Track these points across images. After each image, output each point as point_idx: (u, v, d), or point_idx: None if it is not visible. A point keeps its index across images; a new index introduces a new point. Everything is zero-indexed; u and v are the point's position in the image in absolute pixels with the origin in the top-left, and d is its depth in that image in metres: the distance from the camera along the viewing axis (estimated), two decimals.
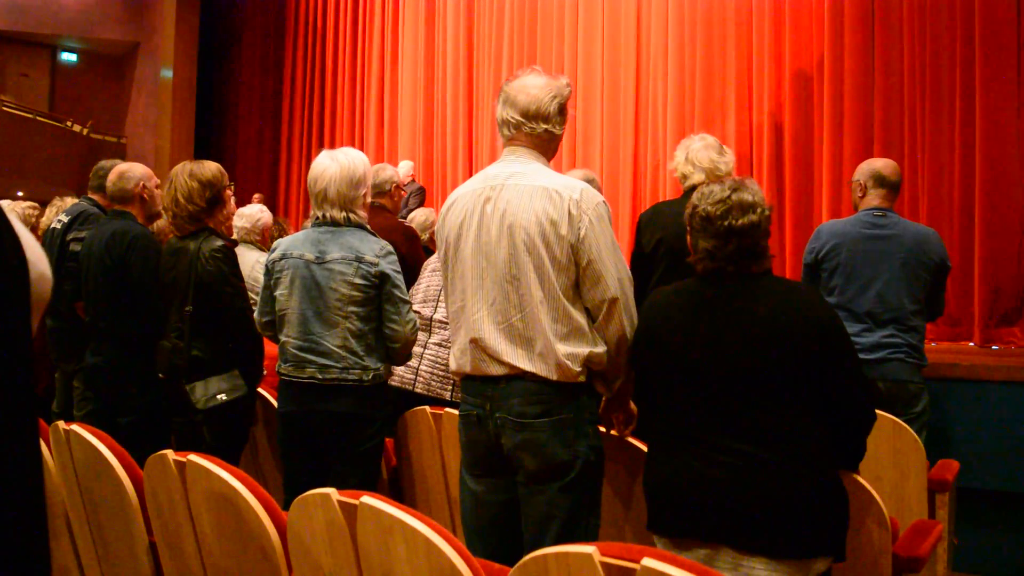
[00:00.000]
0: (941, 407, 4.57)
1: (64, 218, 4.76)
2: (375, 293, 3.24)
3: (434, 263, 4.25)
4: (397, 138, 11.49)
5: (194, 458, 2.37)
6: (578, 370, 2.51)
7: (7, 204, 6.04)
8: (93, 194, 4.87)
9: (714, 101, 8.49)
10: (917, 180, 6.91)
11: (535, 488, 2.55)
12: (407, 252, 4.56)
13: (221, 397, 3.52)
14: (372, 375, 3.24)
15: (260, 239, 5.43)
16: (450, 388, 3.97)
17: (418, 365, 4.05)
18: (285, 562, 2.17)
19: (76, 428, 2.77)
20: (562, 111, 2.69)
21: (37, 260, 1.17)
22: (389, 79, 11.71)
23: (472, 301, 2.61)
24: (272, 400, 3.74)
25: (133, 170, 4.14)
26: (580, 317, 2.53)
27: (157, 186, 4.13)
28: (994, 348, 6.15)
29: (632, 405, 2.82)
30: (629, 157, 9.14)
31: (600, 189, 4.35)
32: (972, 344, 6.32)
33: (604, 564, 1.60)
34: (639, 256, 4.00)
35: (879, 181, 4.04)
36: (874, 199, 4.04)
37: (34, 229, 5.83)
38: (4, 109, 12.86)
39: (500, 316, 2.55)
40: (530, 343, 2.51)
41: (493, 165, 2.72)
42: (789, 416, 2.30)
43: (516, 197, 2.55)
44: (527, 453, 2.53)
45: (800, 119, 7.87)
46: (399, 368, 4.08)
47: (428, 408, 3.46)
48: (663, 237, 3.88)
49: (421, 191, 9.56)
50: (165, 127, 13.23)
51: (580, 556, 1.61)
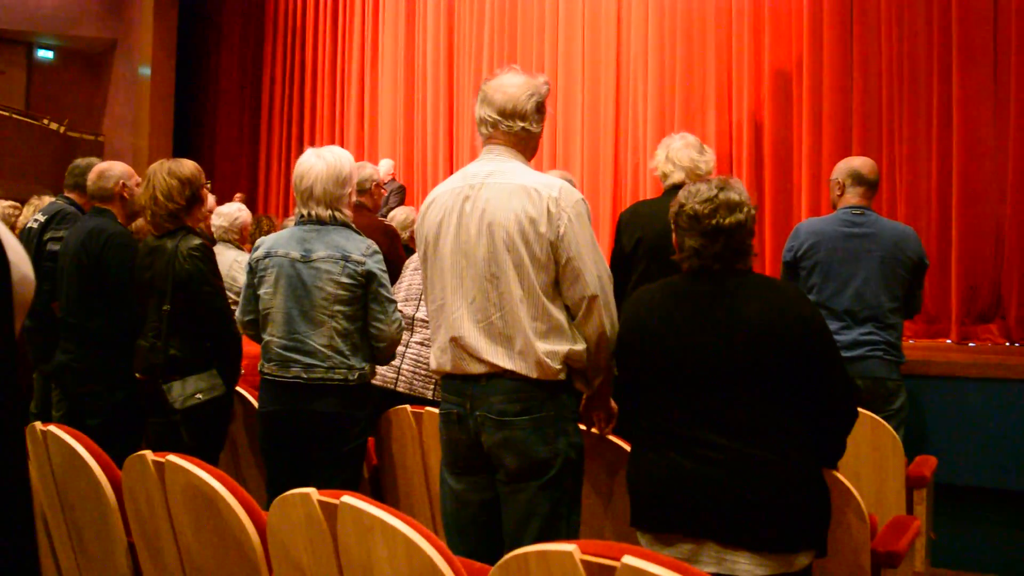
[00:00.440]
0: (919, 404, 4.60)
1: (41, 217, 4.71)
2: (361, 292, 3.23)
3: (416, 262, 4.24)
4: (377, 136, 11.47)
5: (173, 458, 2.36)
6: (558, 368, 2.52)
7: None
8: (69, 193, 4.82)
9: (694, 100, 8.51)
10: (895, 178, 6.95)
11: (515, 486, 2.55)
12: (387, 251, 4.53)
13: (199, 397, 3.51)
14: (357, 375, 3.23)
15: (238, 238, 5.41)
16: (432, 387, 3.97)
17: (400, 364, 4.04)
18: (265, 562, 2.16)
19: (53, 429, 2.75)
20: (540, 109, 2.69)
21: (19, 261, 1.16)
22: (369, 77, 11.68)
23: (452, 299, 2.60)
24: (252, 400, 3.72)
25: (113, 168, 4.11)
26: (560, 315, 2.53)
27: (138, 184, 4.10)
28: (971, 345, 6.19)
29: (613, 403, 2.83)
30: (609, 156, 9.15)
31: (580, 190, 4.35)
32: (949, 341, 6.37)
33: (585, 562, 1.60)
34: (619, 255, 4.01)
35: (857, 179, 4.06)
36: (852, 197, 4.06)
37: (12, 228, 5.79)
38: None
39: (480, 314, 2.55)
40: (510, 341, 2.51)
41: (472, 164, 2.72)
42: (772, 412, 2.32)
43: (495, 195, 2.55)
44: (507, 451, 2.53)
45: (779, 118, 7.90)
46: (381, 367, 4.07)
47: (409, 407, 3.45)
48: (643, 236, 3.89)
49: (401, 190, 9.55)
50: (143, 125, 13.15)
51: (561, 554, 1.61)
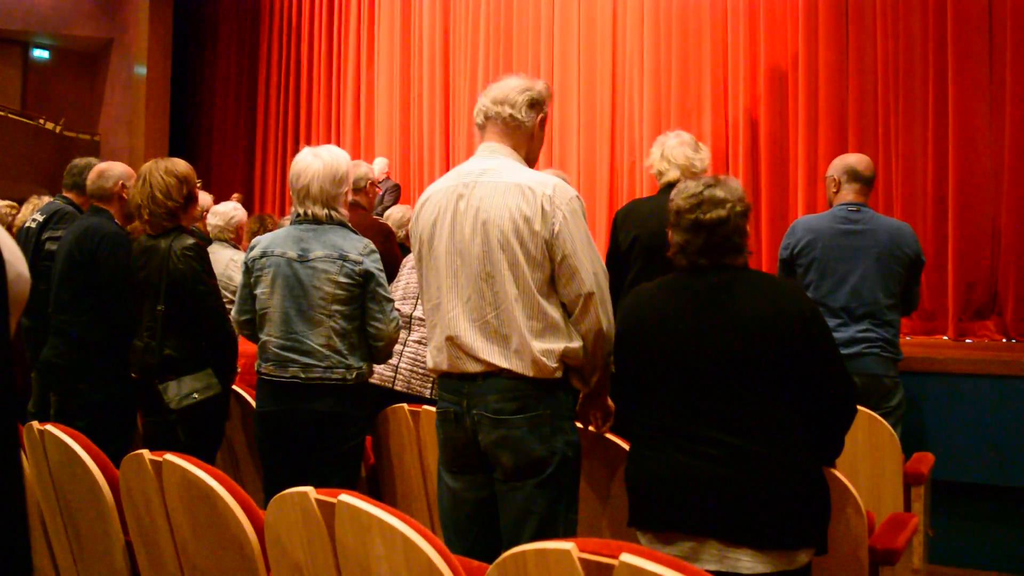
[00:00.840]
0: (916, 401, 4.60)
1: (39, 217, 4.70)
2: (359, 292, 3.23)
3: (412, 260, 4.24)
4: (374, 135, 11.45)
5: (170, 457, 2.36)
6: (554, 366, 2.51)
7: None
8: (68, 192, 4.81)
9: (690, 98, 8.51)
10: (891, 175, 6.96)
11: (512, 484, 2.55)
12: (382, 250, 4.52)
13: (195, 396, 3.50)
14: (355, 374, 3.23)
15: (234, 237, 5.40)
16: (430, 386, 3.96)
17: (398, 363, 4.04)
18: (263, 561, 2.16)
19: (50, 428, 2.75)
20: (532, 105, 2.70)
21: (15, 260, 1.16)
22: (365, 76, 11.66)
23: (447, 299, 2.60)
24: (250, 399, 3.72)
25: (113, 169, 4.10)
26: (555, 313, 2.53)
27: None
28: (968, 342, 6.20)
29: (609, 401, 2.83)
30: (606, 154, 9.15)
31: (576, 188, 4.36)
32: (946, 338, 6.38)
33: (583, 560, 1.60)
34: (615, 253, 4.01)
35: (853, 176, 4.06)
36: (848, 194, 4.06)
37: (9, 228, 5.78)
38: None
39: (475, 313, 2.55)
40: (506, 340, 2.51)
41: (467, 162, 2.73)
42: (772, 409, 2.32)
43: (489, 194, 2.55)
44: (504, 450, 2.53)
45: (775, 115, 7.91)
46: (379, 366, 4.07)
47: (406, 406, 3.45)
48: (638, 235, 3.89)
49: (396, 188, 9.54)
50: (139, 124, 13.11)
51: (559, 552, 1.61)
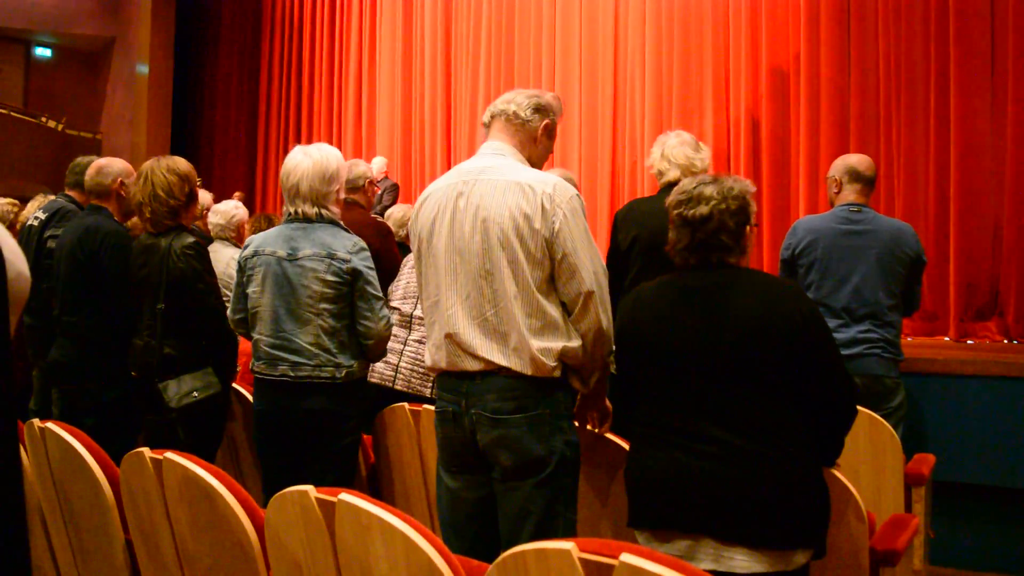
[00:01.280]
0: (917, 402, 4.60)
1: (41, 215, 4.72)
2: (347, 290, 3.23)
3: (413, 260, 4.23)
4: (375, 134, 11.45)
5: (171, 455, 2.36)
6: (553, 365, 2.51)
7: None
8: (70, 191, 4.82)
9: (691, 98, 8.51)
10: (892, 175, 6.95)
11: (511, 484, 2.55)
12: (379, 248, 4.52)
13: (195, 395, 3.50)
14: (345, 372, 3.23)
15: (235, 235, 5.40)
16: (430, 385, 3.96)
17: (398, 362, 4.04)
18: (263, 559, 2.16)
19: (51, 426, 2.75)
20: (538, 108, 2.71)
21: (15, 259, 1.16)
22: (367, 75, 11.66)
23: (446, 296, 2.60)
24: (250, 397, 3.72)
25: (112, 165, 4.10)
26: (554, 312, 2.53)
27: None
28: (969, 343, 6.19)
29: (607, 402, 2.83)
30: (607, 154, 9.14)
31: (579, 188, 4.36)
32: (947, 339, 6.37)
33: (583, 560, 1.60)
34: (615, 253, 4.01)
35: (854, 176, 4.06)
36: (849, 194, 4.06)
37: (12, 226, 5.78)
38: None
39: (475, 311, 2.55)
40: (504, 338, 2.51)
41: (468, 160, 2.73)
42: (771, 408, 2.31)
43: (489, 192, 2.55)
44: (502, 449, 2.53)
45: (777, 115, 7.90)
46: (379, 365, 4.06)
47: (407, 405, 3.45)
48: (638, 234, 3.89)
49: (395, 188, 9.55)
50: (141, 123, 13.10)
51: (559, 552, 1.61)
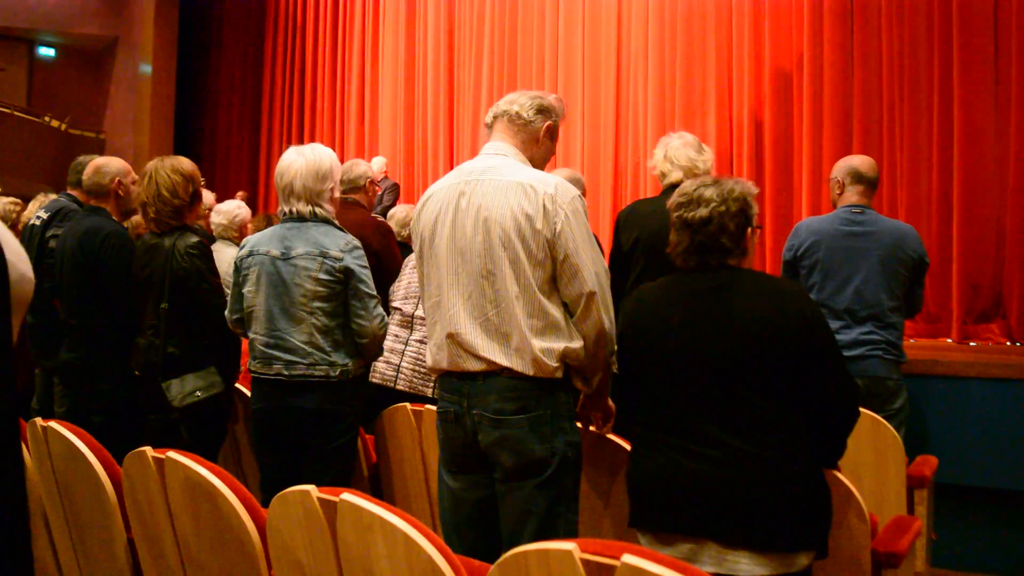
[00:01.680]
0: (920, 404, 4.59)
1: (43, 214, 4.73)
2: (341, 288, 3.23)
3: (415, 260, 4.24)
4: (377, 134, 11.46)
5: (173, 455, 2.36)
6: (554, 365, 2.51)
7: None
8: (72, 190, 4.84)
9: (694, 98, 8.51)
10: (895, 177, 6.95)
11: (513, 485, 2.54)
12: (380, 248, 4.53)
13: (197, 394, 3.51)
14: (339, 371, 3.24)
15: (237, 235, 5.40)
16: (432, 385, 3.97)
17: (399, 362, 4.04)
18: (264, 559, 2.16)
19: (54, 425, 2.75)
20: (541, 110, 2.72)
21: (18, 260, 1.16)
22: (370, 75, 11.67)
23: (448, 295, 2.60)
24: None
25: (110, 164, 4.10)
26: (556, 312, 2.53)
27: (134, 182, 4.08)
28: (972, 345, 6.19)
29: (610, 402, 2.83)
30: (610, 155, 9.15)
31: (584, 189, 4.37)
32: (950, 341, 6.36)
33: (584, 561, 1.60)
34: (617, 254, 4.00)
35: (857, 178, 4.05)
36: (852, 196, 4.05)
37: (14, 225, 5.79)
38: None
39: (476, 311, 2.54)
40: (506, 338, 2.51)
41: (470, 161, 2.73)
42: (773, 410, 2.31)
43: (491, 192, 2.56)
44: (504, 450, 2.52)
45: (780, 116, 7.90)
46: (380, 365, 4.07)
47: (408, 405, 3.45)
48: (640, 235, 3.88)
49: (395, 187, 9.57)
50: (144, 123, 13.12)
51: (560, 553, 1.61)
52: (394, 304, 4.21)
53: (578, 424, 2.71)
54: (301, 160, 3.29)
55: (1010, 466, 4.53)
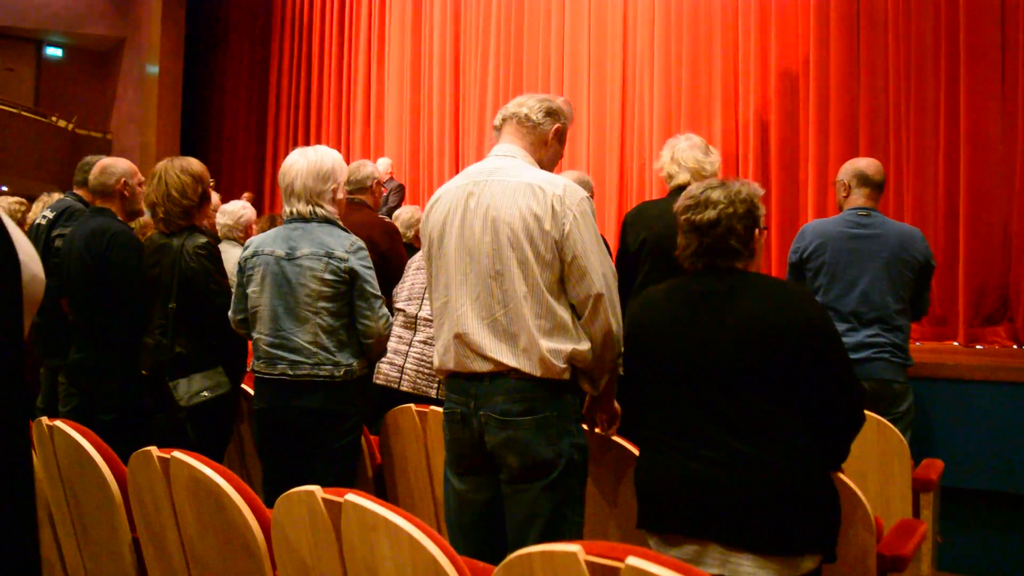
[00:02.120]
0: (926, 407, 4.59)
1: (49, 214, 4.74)
2: (346, 288, 3.24)
3: (419, 261, 4.24)
4: (383, 135, 11.47)
5: (178, 455, 2.36)
6: (562, 366, 2.51)
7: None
8: (78, 189, 4.85)
9: (700, 100, 8.50)
10: (902, 179, 6.93)
11: (519, 487, 2.54)
12: (387, 248, 4.54)
13: (204, 394, 3.52)
14: (344, 371, 3.24)
15: (243, 236, 5.40)
16: (436, 386, 3.96)
17: (403, 363, 4.04)
18: (269, 559, 2.16)
19: (60, 424, 2.76)
20: (549, 112, 2.72)
21: (30, 261, 1.17)
22: (375, 76, 11.68)
23: (456, 296, 2.60)
24: None
25: (116, 165, 4.10)
26: (564, 313, 2.53)
27: (140, 184, 4.08)
28: (978, 348, 6.17)
29: (616, 404, 2.82)
30: (615, 156, 9.14)
31: (592, 191, 4.37)
32: (956, 344, 6.34)
33: (589, 563, 1.59)
34: (624, 256, 4.00)
35: (863, 181, 4.05)
36: (858, 199, 4.05)
37: (20, 225, 5.80)
38: None
39: (484, 311, 2.54)
40: (514, 338, 2.51)
41: (479, 162, 2.73)
42: (779, 413, 2.30)
43: (499, 192, 2.56)
44: (510, 451, 2.52)
45: (785, 118, 7.88)
46: (384, 366, 4.07)
47: (413, 406, 3.45)
48: (647, 237, 3.88)
49: (400, 188, 9.59)
50: (151, 123, 13.17)
51: (565, 555, 1.61)
52: (398, 305, 4.21)
53: (584, 426, 2.71)
54: (303, 161, 3.31)
55: (1016, 469, 4.52)
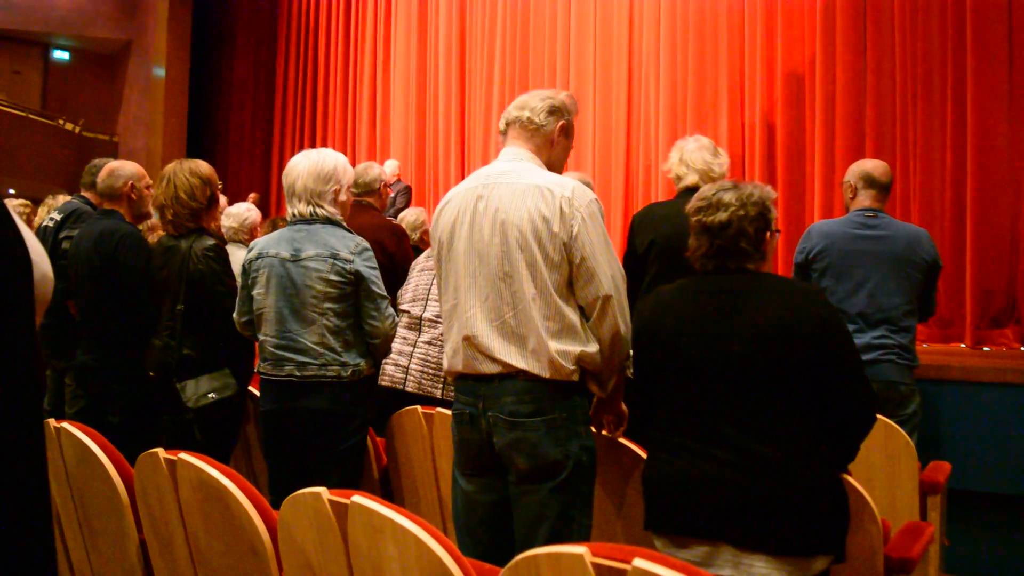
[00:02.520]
0: (933, 408, 4.57)
1: (56, 216, 4.75)
2: (351, 289, 3.25)
3: (423, 262, 4.25)
4: (389, 137, 11.49)
5: (185, 456, 2.37)
6: (571, 368, 2.51)
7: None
8: (86, 192, 4.86)
9: (706, 101, 8.50)
10: (908, 181, 6.93)
11: (526, 488, 2.54)
12: (395, 250, 4.56)
13: (212, 396, 3.52)
14: (351, 371, 3.25)
15: (248, 238, 5.42)
16: (441, 386, 3.96)
17: (408, 364, 4.04)
18: (275, 560, 2.17)
19: (67, 426, 2.76)
20: (552, 111, 2.72)
21: (40, 261, 1.17)
22: (381, 78, 11.70)
23: (465, 299, 2.60)
24: None
25: (124, 168, 4.11)
26: (573, 315, 2.52)
27: (147, 186, 4.09)
28: (985, 349, 6.17)
29: (623, 406, 2.82)
30: (621, 157, 9.14)
31: (593, 191, 4.36)
32: (963, 345, 6.34)
33: (596, 565, 1.59)
34: (632, 257, 3.99)
35: (869, 182, 4.04)
36: (865, 200, 4.04)
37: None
38: None
39: (493, 313, 2.54)
40: (523, 340, 2.51)
41: (487, 166, 2.74)
42: (789, 414, 2.29)
43: (508, 195, 2.56)
44: (519, 452, 2.52)
45: (792, 119, 7.88)
46: (389, 367, 4.07)
47: (419, 407, 3.45)
48: (654, 239, 3.87)
49: (407, 190, 9.59)
50: (157, 125, 13.19)
51: (571, 556, 1.61)
52: (402, 306, 4.21)
53: (591, 428, 2.71)
54: (305, 162, 3.33)
55: (1023, 472, 4.50)
